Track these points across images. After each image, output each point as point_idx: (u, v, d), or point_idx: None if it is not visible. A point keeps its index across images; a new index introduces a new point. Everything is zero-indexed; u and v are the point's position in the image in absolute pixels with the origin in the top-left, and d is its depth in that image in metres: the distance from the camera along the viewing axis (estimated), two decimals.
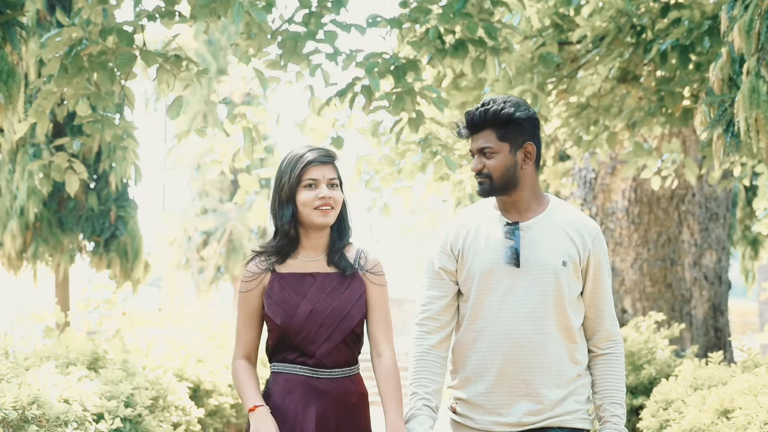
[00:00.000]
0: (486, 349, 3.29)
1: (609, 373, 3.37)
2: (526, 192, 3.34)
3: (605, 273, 3.36)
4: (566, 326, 3.29)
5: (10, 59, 5.19)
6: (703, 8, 6.60)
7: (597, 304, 3.35)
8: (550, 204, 3.38)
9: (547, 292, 3.25)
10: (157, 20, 5.44)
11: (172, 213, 24.47)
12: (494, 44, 6.11)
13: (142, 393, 5.39)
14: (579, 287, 3.33)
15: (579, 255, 3.30)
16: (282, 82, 6.76)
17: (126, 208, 11.09)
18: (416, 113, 6.11)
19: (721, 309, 9.24)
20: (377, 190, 8.43)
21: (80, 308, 10.95)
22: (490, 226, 3.35)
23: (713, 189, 9.25)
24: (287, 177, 3.36)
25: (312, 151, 3.39)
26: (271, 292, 3.37)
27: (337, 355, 3.35)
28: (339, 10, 6.05)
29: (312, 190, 3.34)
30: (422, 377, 3.35)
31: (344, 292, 3.38)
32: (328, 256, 3.41)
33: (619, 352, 3.41)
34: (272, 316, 3.34)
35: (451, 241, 3.38)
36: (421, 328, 3.40)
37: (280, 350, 3.38)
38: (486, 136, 3.30)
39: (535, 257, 3.27)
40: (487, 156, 3.30)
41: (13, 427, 4.06)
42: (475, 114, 3.32)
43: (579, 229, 3.33)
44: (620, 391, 3.36)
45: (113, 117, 6.05)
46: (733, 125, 4.88)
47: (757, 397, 4.25)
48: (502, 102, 3.31)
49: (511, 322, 3.26)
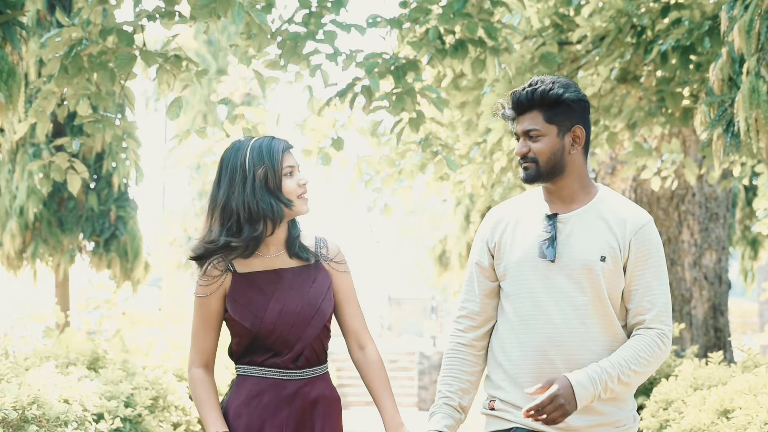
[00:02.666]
0: (520, 351, 3.09)
1: (625, 347, 3.03)
2: (573, 180, 3.12)
3: (649, 267, 3.05)
4: (609, 326, 3.04)
5: (11, 59, 5.19)
6: (703, 8, 6.60)
7: (633, 297, 3.06)
8: (599, 194, 3.14)
9: (584, 289, 3.02)
10: (156, 20, 5.44)
11: (172, 213, 24.48)
12: (494, 44, 6.11)
13: (142, 393, 5.39)
14: (621, 284, 3.06)
15: (620, 248, 3.04)
16: (282, 83, 6.76)
17: (126, 208, 11.09)
18: (416, 113, 6.11)
19: (721, 309, 9.24)
20: (378, 190, 8.43)
21: (80, 308, 10.96)
22: (531, 218, 3.14)
23: (713, 189, 9.26)
24: (267, 166, 3.09)
25: (277, 140, 3.17)
26: (234, 294, 3.13)
27: (310, 354, 3.15)
28: (339, 10, 6.05)
29: (291, 178, 3.13)
30: (448, 375, 3.21)
31: (312, 286, 3.17)
32: (289, 249, 3.17)
33: (650, 336, 3.03)
34: (240, 320, 3.11)
35: (488, 235, 3.20)
36: (456, 326, 3.24)
37: (247, 353, 3.16)
38: (533, 117, 3.08)
39: (570, 252, 3.04)
40: (533, 139, 3.08)
41: (13, 427, 4.06)
42: (522, 94, 3.10)
43: (623, 218, 3.07)
44: (625, 358, 3.00)
45: (113, 117, 6.05)
46: (733, 125, 4.88)
47: (757, 397, 4.24)
48: (550, 82, 3.09)
49: (546, 321, 3.04)
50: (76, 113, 5.76)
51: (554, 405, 2.91)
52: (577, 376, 2.95)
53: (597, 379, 2.96)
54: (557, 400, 2.91)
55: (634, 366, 3.00)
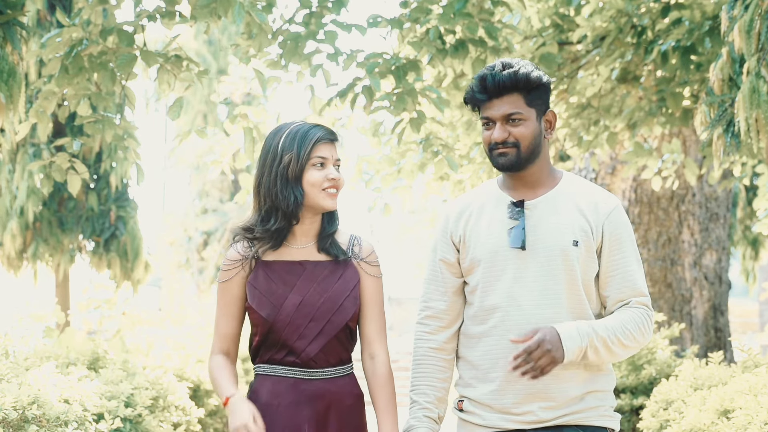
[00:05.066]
0: (492, 344, 2.95)
1: (612, 317, 2.94)
2: (542, 165, 3.00)
3: (625, 251, 2.96)
4: (582, 314, 2.94)
5: (11, 59, 5.19)
6: (703, 8, 6.60)
7: (611, 282, 2.96)
8: (563, 179, 3.04)
9: (557, 276, 2.91)
10: (157, 20, 5.44)
11: (173, 213, 24.47)
12: (494, 44, 6.12)
13: (142, 393, 5.39)
14: (595, 268, 2.96)
15: (592, 232, 2.94)
16: (282, 82, 6.76)
17: (126, 208, 11.08)
18: (417, 113, 6.11)
19: (721, 309, 9.24)
20: (378, 190, 8.43)
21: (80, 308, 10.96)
22: (494, 207, 3.01)
23: (713, 189, 9.25)
24: (293, 153, 2.98)
25: (317, 128, 3.04)
26: (255, 281, 3.03)
27: (329, 353, 3.03)
28: (339, 10, 6.05)
29: (320, 170, 3.00)
30: (423, 384, 3.05)
31: (337, 282, 3.04)
32: (319, 243, 3.06)
33: (637, 312, 2.94)
34: (257, 309, 3.01)
35: (452, 228, 3.06)
36: (423, 328, 3.09)
37: (265, 349, 3.05)
38: (513, 101, 2.92)
39: (542, 238, 2.93)
40: (513, 123, 2.92)
41: (13, 427, 4.05)
42: (503, 75, 2.92)
43: (593, 202, 2.98)
44: (613, 326, 2.89)
45: (114, 117, 6.05)
46: (733, 125, 4.88)
47: (757, 397, 4.24)
48: (526, 64, 2.95)
49: (519, 313, 2.91)
50: (77, 113, 5.76)
51: (542, 350, 2.81)
52: (564, 326, 2.86)
53: (585, 333, 2.86)
54: (543, 344, 2.81)
55: (620, 336, 2.90)
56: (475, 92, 2.97)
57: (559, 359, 2.83)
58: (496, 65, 2.96)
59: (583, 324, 2.88)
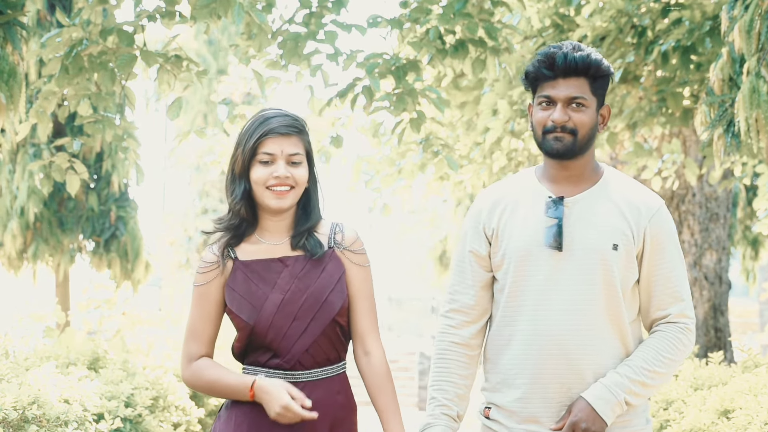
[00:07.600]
0: (520, 349, 2.76)
1: (644, 344, 2.76)
2: (589, 160, 2.81)
3: (666, 256, 2.78)
4: (618, 322, 2.75)
5: (11, 59, 5.19)
6: (703, 8, 6.60)
7: (651, 289, 2.78)
8: (605, 174, 2.83)
9: (594, 280, 2.71)
10: (157, 20, 5.44)
11: (173, 213, 24.46)
12: (494, 44, 6.12)
13: (142, 393, 5.39)
14: (635, 275, 2.77)
15: (633, 236, 2.74)
16: (282, 82, 6.76)
17: (126, 208, 11.08)
18: (417, 113, 6.11)
19: (722, 309, 9.24)
20: (377, 190, 8.43)
21: (80, 308, 10.95)
22: (531, 201, 2.81)
23: (713, 189, 9.25)
24: (242, 147, 2.81)
25: (276, 118, 2.82)
26: (233, 283, 2.84)
27: (317, 352, 2.82)
28: (339, 10, 6.05)
29: (267, 167, 2.80)
30: (443, 380, 2.86)
31: (320, 276, 2.83)
32: (292, 240, 2.85)
33: (672, 332, 2.76)
34: (237, 312, 2.81)
35: (485, 220, 2.84)
36: (447, 321, 2.88)
37: (250, 351, 2.86)
38: (580, 85, 2.73)
39: (580, 239, 2.73)
40: (577, 108, 2.74)
41: (14, 427, 4.05)
42: (575, 56, 2.72)
43: (636, 203, 2.77)
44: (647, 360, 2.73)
45: (114, 117, 6.05)
46: (733, 125, 4.88)
47: (757, 397, 4.24)
48: (595, 51, 2.77)
49: (550, 317, 2.72)
50: (77, 113, 5.76)
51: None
52: (593, 391, 2.70)
53: (617, 385, 2.70)
54: (578, 427, 2.67)
55: (657, 367, 2.74)
56: (541, 68, 2.76)
57: (601, 430, 2.69)
58: (565, 45, 2.77)
59: (612, 377, 2.72)
